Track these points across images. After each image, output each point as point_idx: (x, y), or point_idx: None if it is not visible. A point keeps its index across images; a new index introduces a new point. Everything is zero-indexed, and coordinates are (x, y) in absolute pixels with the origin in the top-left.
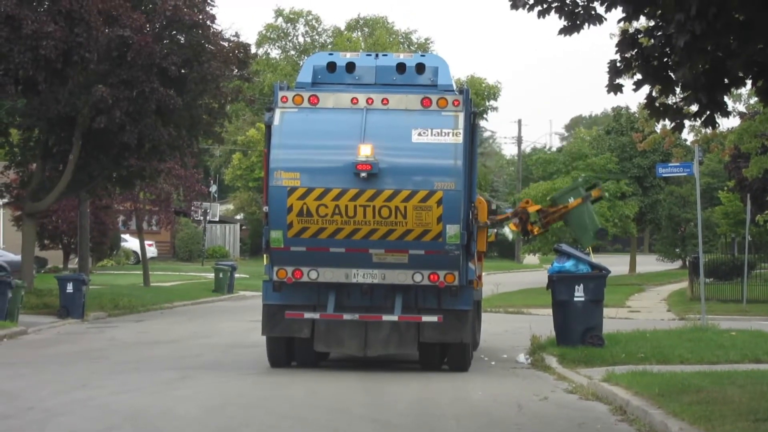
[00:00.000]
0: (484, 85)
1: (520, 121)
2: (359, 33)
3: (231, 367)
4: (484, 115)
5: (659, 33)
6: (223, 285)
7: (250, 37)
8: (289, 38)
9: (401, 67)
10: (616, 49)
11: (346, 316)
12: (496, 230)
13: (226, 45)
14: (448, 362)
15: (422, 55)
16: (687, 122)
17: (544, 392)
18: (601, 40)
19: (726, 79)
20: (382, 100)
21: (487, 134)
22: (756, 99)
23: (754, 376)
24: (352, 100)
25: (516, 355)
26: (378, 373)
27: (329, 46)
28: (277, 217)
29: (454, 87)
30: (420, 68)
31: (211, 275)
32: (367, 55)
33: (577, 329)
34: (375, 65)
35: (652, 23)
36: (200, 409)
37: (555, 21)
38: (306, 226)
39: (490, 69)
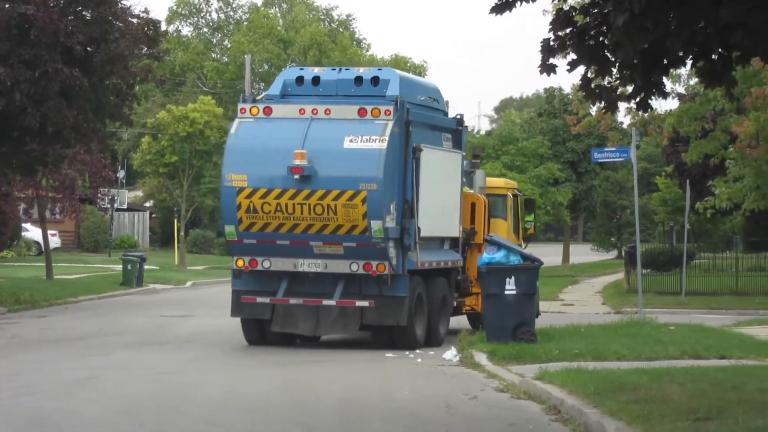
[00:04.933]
0: (409, 64)
1: (447, 103)
2: (277, 9)
3: (142, 367)
4: None
5: (595, 11)
6: (132, 278)
7: (160, 13)
8: (202, 14)
9: (359, 80)
10: (550, 27)
11: (292, 300)
12: (533, 223)
13: (135, 22)
14: (395, 342)
15: (379, 69)
16: (623, 104)
17: (473, 391)
18: (534, 18)
19: (665, 60)
20: (325, 111)
21: None
22: (696, 80)
23: (694, 373)
24: (299, 110)
25: (444, 351)
26: (300, 372)
27: (244, 23)
28: (229, 214)
29: (397, 97)
30: (375, 81)
31: (119, 267)
32: (332, 69)
33: (508, 324)
34: (337, 78)
35: (588, 0)
36: (110, 412)
37: None
38: (254, 222)
39: (416, 48)
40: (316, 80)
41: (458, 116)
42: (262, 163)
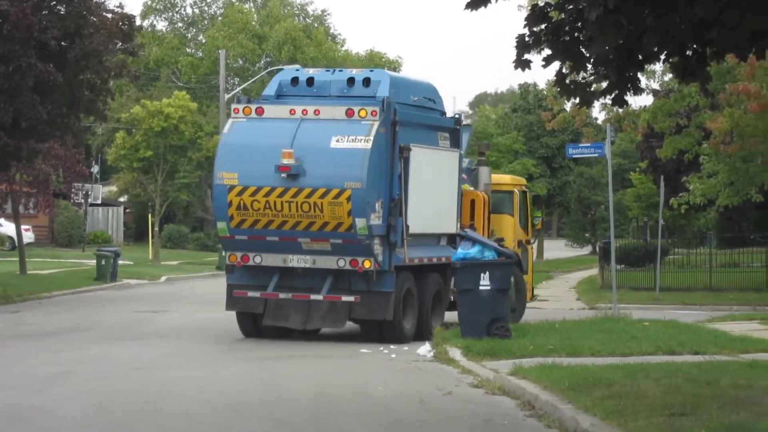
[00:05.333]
0: (384, 59)
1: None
2: (251, 4)
3: (116, 362)
4: None
5: (570, 6)
6: (106, 273)
7: (134, 8)
8: (177, 9)
9: (351, 81)
10: (525, 23)
11: (282, 295)
12: (540, 218)
13: (110, 17)
14: (384, 336)
15: (371, 71)
16: (597, 100)
17: (448, 387)
18: (509, 14)
19: (640, 55)
20: (315, 111)
21: None
22: (671, 76)
23: (668, 369)
24: (290, 111)
25: (418, 347)
26: (274, 367)
27: (219, 18)
28: (221, 211)
29: (384, 98)
30: (366, 82)
31: (93, 262)
32: (326, 70)
33: (482, 320)
34: (330, 79)
35: None
36: (84, 408)
37: None
38: (244, 218)
39: (391, 43)
40: (310, 81)
41: (456, 116)
42: (252, 161)
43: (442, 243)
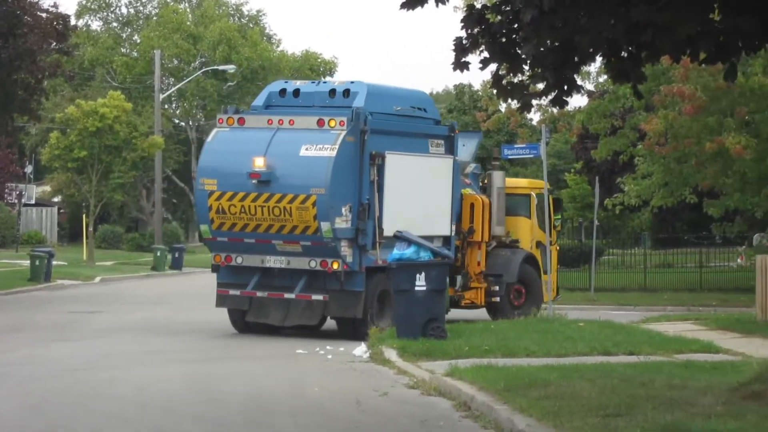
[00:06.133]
0: (319, 60)
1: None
2: (186, 4)
3: (51, 363)
4: None
5: (507, 8)
6: (40, 273)
7: (69, 7)
8: (112, 9)
9: (332, 92)
10: (462, 24)
11: (259, 293)
12: (560, 220)
13: (44, 16)
14: (357, 334)
15: (351, 82)
16: (534, 101)
17: (384, 387)
18: (446, 15)
19: (576, 57)
20: (290, 121)
21: None
22: (605, 77)
23: (604, 370)
24: (268, 121)
25: (354, 347)
26: (211, 368)
27: (154, 18)
28: (202, 214)
29: (353, 108)
30: (346, 93)
31: (27, 263)
32: (312, 82)
33: (418, 320)
34: (314, 91)
35: None
36: (16, 409)
37: None
38: (223, 222)
39: (327, 44)
40: (296, 92)
41: (451, 124)
42: (230, 168)
43: (436, 244)
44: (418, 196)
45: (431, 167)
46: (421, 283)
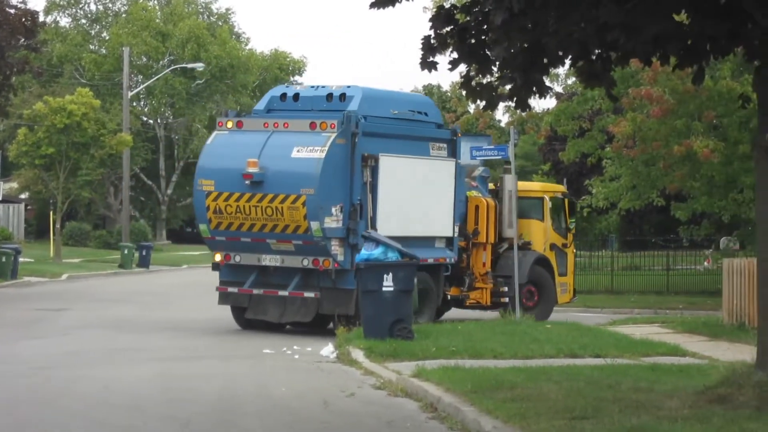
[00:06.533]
0: (288, 59)
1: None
2: (155, 2)
3: (17, 361)
4: None
5: (476, 9)
6: (6, 270)
7: (38, 4)
8: (81, 6)
9: (330, 97)
10: (431, 24)
11: (255, 291)
12: (575, 223)
13: (12, 12)
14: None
15: (348, 87)
16: (502, 103)
17: (350, 388)
18: (416, 15)
19: (545, 59)
20: (284, 124)
21: None
22: (574, 79)
23: (570, 372)
24: (264, 124)
25: (321, 348)
26: (178, 367)
27: (123, 15)
28: (201, 214)
29: (345, 112)
30: (342, 97)
31: None
32: (311, 87)
33: (385, 321)
34: (313, 95)
35: None
36: None
37: None
38: (221, 221)
39: (296, 43)
40: (296, 97)
41: (453, 128)
42: (226, 170)
43: (437, 245)
44: (416, 198)
45: (432, 170)
46: (388, 283)
